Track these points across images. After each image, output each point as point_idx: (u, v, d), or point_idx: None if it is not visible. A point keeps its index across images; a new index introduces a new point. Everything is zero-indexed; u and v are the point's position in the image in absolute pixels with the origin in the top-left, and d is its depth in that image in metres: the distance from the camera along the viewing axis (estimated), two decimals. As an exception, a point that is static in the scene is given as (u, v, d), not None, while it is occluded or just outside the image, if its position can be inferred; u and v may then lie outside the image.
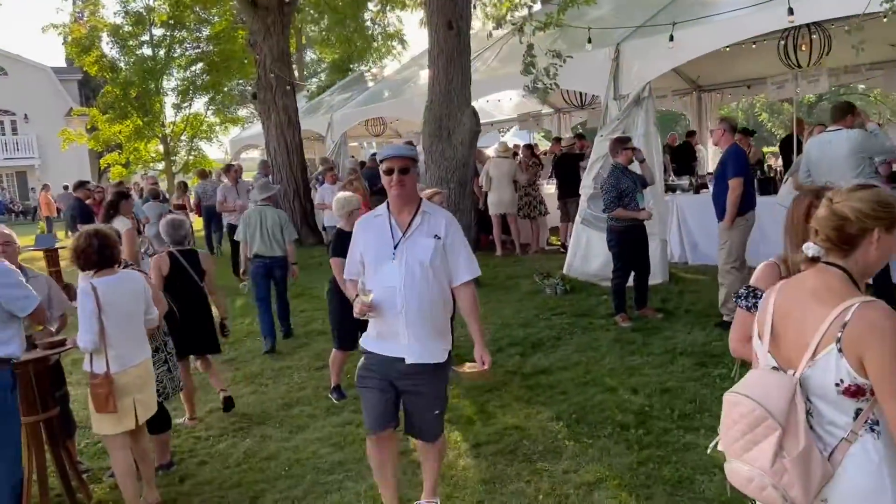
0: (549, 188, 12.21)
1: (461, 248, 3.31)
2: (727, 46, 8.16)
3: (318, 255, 12.81)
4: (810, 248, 1.93)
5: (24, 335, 3.82)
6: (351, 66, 23.55)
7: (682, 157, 12.56)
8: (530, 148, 11.49)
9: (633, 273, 6.88)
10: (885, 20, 7.18)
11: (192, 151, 26.34)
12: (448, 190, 8.54)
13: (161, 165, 26.34)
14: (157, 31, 24.70)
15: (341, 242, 5.10)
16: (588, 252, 8.18)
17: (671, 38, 7.31)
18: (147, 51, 24.57)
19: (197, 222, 15.10)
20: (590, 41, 8.24)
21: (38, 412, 4.01)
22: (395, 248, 3.20)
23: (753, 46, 9.88)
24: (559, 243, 11.41)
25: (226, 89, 26.17)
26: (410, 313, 3.18)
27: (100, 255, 3.77)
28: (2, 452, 3.61)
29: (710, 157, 13.53)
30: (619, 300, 6.85)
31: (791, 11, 6.36)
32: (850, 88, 20.41)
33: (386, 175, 3.19)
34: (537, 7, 11.07)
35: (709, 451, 2.26)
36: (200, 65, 24.51)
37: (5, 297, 3.53)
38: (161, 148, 25.22)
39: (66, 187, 27.01)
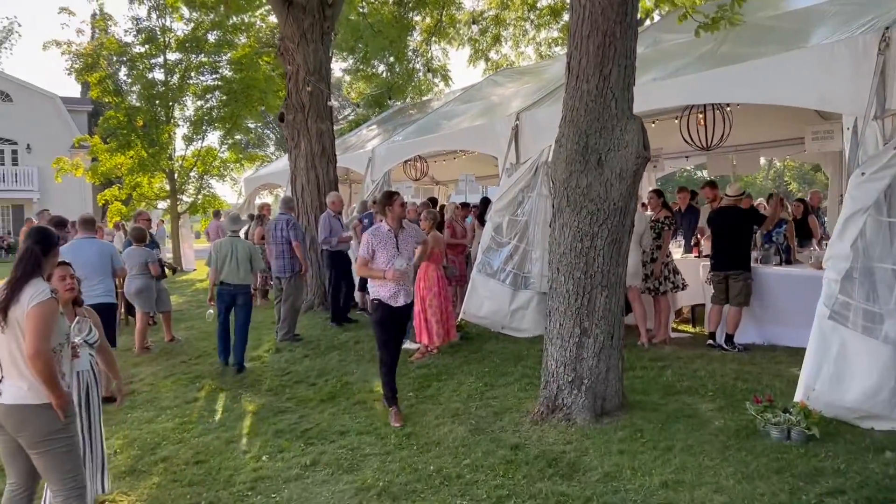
0: (675, 252, 8.95)
1: None
2: None
3: (352, 329, 9.48)
4: None
5: None
6: (390, 99, 20.65)
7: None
8: (661, 195, 8.21)
9: None
10: None
11: (201, 189, 23.33)
12: (593, 250, 5.26)
13: (164, 204, 23.31)
14: (173, 56, 22.00)
15: None
16: (842, 368, 4.77)
17: None
18: (159, 75, 21.79)
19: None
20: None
21: None
22: None
23: None
24: (704, 332, 8.01)
25: (245, 124, 23.31)
26: None
27: None
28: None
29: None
30: None
31: None
32: None
33: None
34: None
35: None
36: (217, 93, 21.70)
37: None
38: (167, 185, 22.21)
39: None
